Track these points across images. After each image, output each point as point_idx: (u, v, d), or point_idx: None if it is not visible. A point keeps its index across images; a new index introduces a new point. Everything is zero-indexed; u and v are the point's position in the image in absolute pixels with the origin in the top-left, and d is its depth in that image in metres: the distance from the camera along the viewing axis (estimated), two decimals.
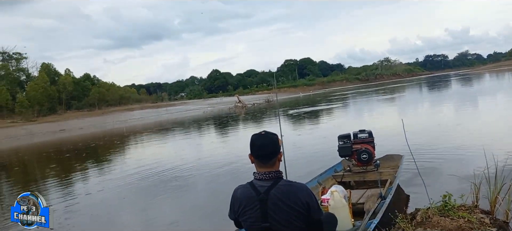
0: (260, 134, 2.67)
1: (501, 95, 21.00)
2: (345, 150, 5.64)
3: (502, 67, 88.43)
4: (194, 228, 5.08)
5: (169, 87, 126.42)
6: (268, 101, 51.71)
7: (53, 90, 64.82)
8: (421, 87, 45.62)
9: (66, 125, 48.40)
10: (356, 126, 7.51)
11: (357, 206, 4.35)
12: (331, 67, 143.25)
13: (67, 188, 9.30)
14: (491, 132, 9.01)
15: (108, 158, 15.20)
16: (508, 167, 4.50)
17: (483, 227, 3.16)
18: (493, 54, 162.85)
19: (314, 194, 2.68)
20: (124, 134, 27.09)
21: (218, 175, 8.42)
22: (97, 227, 5.70)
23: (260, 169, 2.65)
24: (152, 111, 62.59)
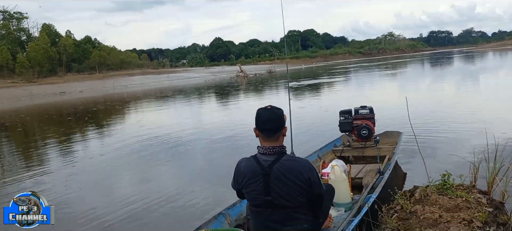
0: (266, 108, 2.71)
1: (504, 74, 20.93)
2: (346, 125, 5.70)
3: (507, 46, 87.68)
4: (192, 196, 5.14)
5: (170, 53, 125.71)
6: (270, 72, 51.51)
7: (53, 51, 64.39)
8: (424, 63, 45.38)
9: (66, 87, 48.37)
10: (357, 100, 7.53)
11: (355, 181, 4.43)
12: (334, 40, 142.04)
13: (69, 151, 9.39)
14: (493, 112, 9.03)
15: (110, 122, 15.28)
16: (508, 149, 4.54)
17: (480, 207, 3.22)
18: (497, 32, 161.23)
19: (315, 169, 2.75)
20: (125, 99, 27.14)
21: (218, 144, 8.49)
22: (97, 192, 5.78)
23: (265, 143, 2.69)
24: (153, 77, 62.43)
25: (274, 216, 2.69)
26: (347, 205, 3.64)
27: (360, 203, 3.60)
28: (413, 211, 3.22)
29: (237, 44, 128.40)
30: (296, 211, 2.69)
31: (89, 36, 77.77)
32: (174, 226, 4.19)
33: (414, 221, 3.05)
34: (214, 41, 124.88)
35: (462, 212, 3.12)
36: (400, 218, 3.19)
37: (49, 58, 62.81)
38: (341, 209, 3.58)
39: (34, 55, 60.63)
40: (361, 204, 3.55)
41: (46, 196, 5.48)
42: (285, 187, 2.61)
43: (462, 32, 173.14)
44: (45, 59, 61.64)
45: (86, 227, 4.34)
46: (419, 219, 3.06)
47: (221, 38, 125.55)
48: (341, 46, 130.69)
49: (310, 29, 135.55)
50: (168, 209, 4.76)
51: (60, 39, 70.51)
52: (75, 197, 5.55)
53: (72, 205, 5.20)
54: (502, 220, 3.10)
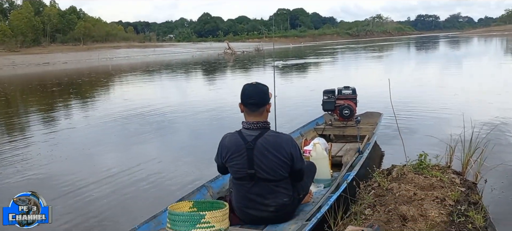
0: (252, 83, 2.79)
1: (487, 60, 21.26)
2: (329, 104, 5.81)
3: (492, 32, 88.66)
4: (176, 169, 5.20)
5: (157, 27, 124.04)
6: (257, 50, 51.32)
7: (37, 21, 63.04)
8: (410, 47, 45.71)
9: (50, 58, 47.58)
10: (342, 81, 7.62)
11: (335, 159, 4.54)
12: (323, 20, 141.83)
13: (51, 122, 9.35)
14: (472, 97, 9.23)
15: (94, 95, 15.17)
16: (483, 132, 4.71)
17: (453, 186, 3.35)
18: (484, 18, 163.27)
19: (297, 145, 2.85)
20: (110, 72, 26.86)
21: (203, 119, 8.54)
22: (79, 164, 5.78)
23: (249, 118, 2.77)
24: (139, 51, 61.71)
25: (255, 189, 2.77)
26: (326, 182, 3.75)
27: (339, 180, 3.71)
28: (389, 188, 3.34)
29: (225, 20, 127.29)
30: (277, 185, 2.78)
31: (74, 7, 76.29)
32: (156, 198, 4.24)
33: (389, 197, 3.16)
34: (202, 16, 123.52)
35: (435, 191, 3.25)
36: (377, 194, 3.31)
37: (32, 27, 61.49)
38: (320, 186, 3.68)
39: (17, 24, 59.29)
40: (340, 181, 3.66)
41: (28, 166, 5.52)
42: (267, 160, 2.70)
43: (449, 17, 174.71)
44: (28, 28, 60.34)
45: (67, 199, 4.37)
46: (394, 196, 3.18)
47: (209, 14, 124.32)
48: (330, 26, 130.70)
49: (300, 8, 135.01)
50: (151, 181, 4.79)
51: (44, 8, 69.05)
52: (57, 168, 5.54)
53: (53, 175, 5.20)
54: (473, 200, 3.23)
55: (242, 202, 2.84)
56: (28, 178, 5.11)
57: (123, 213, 3.99)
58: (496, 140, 5.17)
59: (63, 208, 4.09)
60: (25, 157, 6.10)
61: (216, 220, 2.28)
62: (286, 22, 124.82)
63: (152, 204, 3.96)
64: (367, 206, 3.14)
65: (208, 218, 2.25)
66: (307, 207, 3.19)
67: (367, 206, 3.14)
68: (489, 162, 3.85)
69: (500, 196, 3.72)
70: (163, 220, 2.92)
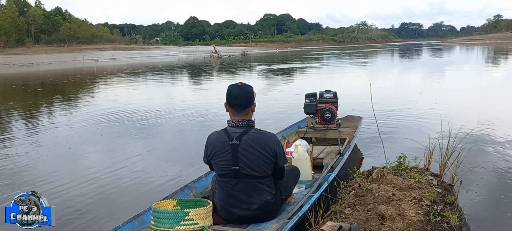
0: (237, 84, 2.86)
1: (467, 68, 21.69)
2: (311, 107, 5.90)
3: (473, 41, 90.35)
4: (160, 170, 5.23)
5: (144, 30, 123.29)
6: (244, 54, 51.44)
7: (21, 21, 62.17)
8: (393, 54, 46.32)
9: (34, 59, 46.98)
10: (327, 85, 7.74)
11: (317, 161, 4.63)
12: (309, 26, 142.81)
13: (34, 123, 9.26)
14: (451, 102, 9.45)
15: (78, 96, 15.04)
16: (460, 136, 4.83)
17: (430, 188, 3.46)
18: (466, 27, 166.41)
19: (281, 143, 2.94)
20: (95, 74, 26.63)
21: (188, 121, 8.56)
22: (63, 163, 5.75)
23: (234, 117, 2.85)
24: (125, 53, 61.28)
25: (239, 186, 2.83)
26: (308, 183, 3.82)
27: (320, 181, 3.78)
28: (369, 189, 3.44)
29: (212, 24, 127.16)
30: (261, 182, 2.85)
31: (59, 8, 75.55)
32: (140, 197, 4.27)
33: (369, 197, 3.26)
34: (189, 20, 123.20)
35: (413, 192, 3.35)
36: (357, 194, 3.40)
37: (16, 28, 60.62)
38: (302, 186, 3.76)
39: (0, 24, 58.34)
40: (321, 182, 3.73)
41: (9, 164, 5.48)
42: (252, 157, 2.77)
43: (432, 25, 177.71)
44: (12, 28, 59.46)
45: (49, 199, 4.33)
46: (374, 196, 3.28)
47: (196, 17, 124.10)
48: (316, 32, 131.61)
49: (286, 13, 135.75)
50: (134, 181, 4.81)
51: (29, 8, 68.13)
52: (39, 167, 5.51)
53: (35, 174, 5.17)
54: (449, 200, 3.34)
55: (226, 200, 2.89)
56: (8, 177, 5.08)
57: (106, 212, 4.00)
58: (472, 144, 5.33)
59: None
60: (6, 155, 6.05)
61: (200, 217, 2.32)
62: (272, 27, 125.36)
63: (136, 203, 3.99)
64: (347, 206, 3.23)
65: (192, 215, 2.30)
66: (288, 207, 3.26)
67: (347, 205, 3.23)
68: (465, 165, 3.97)
69: (474, 197, 3.84)
70: (146, 219, 2.95)
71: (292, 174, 3.35)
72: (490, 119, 7.39)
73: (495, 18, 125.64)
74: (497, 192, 4.00)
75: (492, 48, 47.73)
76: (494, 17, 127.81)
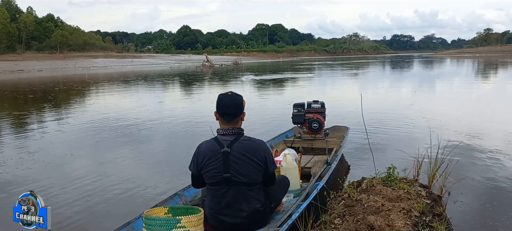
0: (227, 94, 2.89)
1: (457, 80, 21.95)
2: (298, 117, 5.96)
3: (464, 54, 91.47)
4: (150, 178, 5.21)
5: (136, 38, 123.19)
6: (236, 64, 51.56)
7: (13, 27, 61.80)
8: (385, 65, 46.71)
9: (24, 65, 46.64)
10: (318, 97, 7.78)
11: (304, 170, 4.66)
12: (301, 37, 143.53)
13: (22, 131, 9.19)
14: (440, 114, 9.54)
15: (69, 104, 14.95)
16: (449, 148, 4.92)
17: (419, 199, 3.50)
18: (457, 40, 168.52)
19: (270, 150, 2.99)
20: (87, 81, 26.51)
21: (178, 130, 8.55)
22: (52, 171, 5.69)
23: (224, 126, 2.88)
24: (117, 61, 61.09)
25: (230, 193, 2.85)
26: (296, 191, 3.86)
27: (308, 190, 3.81)
28: (358, 199, 3.47)
29: (204, 33, 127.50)
30: (251, 190, 2.88)
31: (51, 14, 75.33)
32: (130, 205, 4.25)
33: (358, 208, 3.29)
34: (182, 28, 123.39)
35: (402, 202, 3.39)
36: (346, 205, 3.43)
37: (7, 34, 60.23)
38: (290, 195, 3.79)
39: None
40: (309, 191, 3.77)
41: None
42: (243, 164, 2.81)
43: (424, 38, 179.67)
44: (3, 35, 59.08)
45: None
46: (363, 206, 3.31)
47: (189, 26, 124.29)
48: (308, 43, 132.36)
49: (279, 24, 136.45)
50: (124, 189, 4.79)
51: (20, 15, 67.71)
52: (28, 174, 5.46)
53: (24, 182, 5.13)
54: (438, 211, 3.39)
55: (216, 208, 2.90)
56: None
57: (95, 220, 3.98)
58: (461, 155, 5.41)
59: None
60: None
61: (191, 224, 2.34)
62: (264, 37, 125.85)
63: (125, 211, 3.97)
64: (336, 216, 3.25)
65: (183, 222, 2.31)
66: (277, 216, 3.28)
67: (337, 215, 3.25)
68: (454, 176, 4.04)
69: (462, 208, 3.89)
70: (137, 226, 2.96)
71: (282, 183, 3.38)
72: (478, 130, 7.49)
73: (485, 32, 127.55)
74: (484, 203, 4.05)
75: (482, 61, 48.35)
76: (484, 30, 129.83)
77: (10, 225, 2.60)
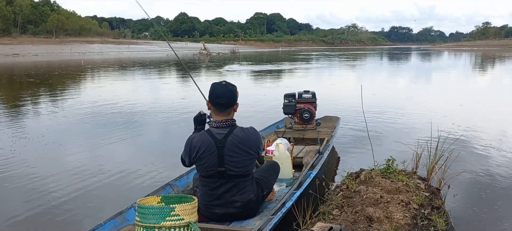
0: (221, 83, 2.82)
1: (456, 73, 21.95)
2: (289, 108, 5.90)
3: (462, 47, 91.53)
4: (142, 168, 5.15)
5: (133, 24, 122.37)
6: (233, 52, 51.42)
7: (8, 11, 61.18)
8: (383, 57, 46.68)
9: (20, 49, 46.35)
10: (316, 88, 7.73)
11: (296, 160, 4.64)
12: (299, 26, 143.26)
13: (17, 116, 9.09)
14: (440, 107, 9.50)
15: (64, 89, 14.83)
16: (449, 141, 4.86)
17: (418, 191, 3.46)
18: (455, 33, 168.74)
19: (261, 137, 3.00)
20: (82, 67, 26.32)
21: (172, 119, 8.46)
22: (44, 159, 5.61)
23: (217, 117, 2.82)
24: (113, 47, 60.83)
25: (224, 185, 2.82)
26: (288, 181, 3.84)
27: (301, 179, 3.80)
28: (357, 191, 3.43)
29: (202, 21, 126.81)
30: (244, 181, 2.84)
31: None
32: (121, 195, 4.19)
33: (357, 199, 3.24)
34: (179, 15, 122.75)
35: (401, 195, 3.35)
36: (345, 196, 3.39)
37: (3, 17, 59.67)
38: (283, 184, 3.76)
39: None
40: (302, 180, 3.75)
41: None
42: (238, 156, 2.77)
43: (422, 30, 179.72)
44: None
45: (30, 194, 4.25)
46: (362, 198, 3.26)
47: (186, 14, 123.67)
48: (306, 33, 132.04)
49: (277, 13, 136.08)
50: (116, 178, 4.72)
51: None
52: (18, 161, 5.37)
53: (15, 169, 5.04)
54: (436, 204, 3.35)
55: (209, 199, 2.86)
56: None
57: (87, 210, 3.90)
58: (460, 149, 5.36)
59: (26, 202, 4.00)
60: None
61: (185, 213, 2.29)
62: (262, 26, 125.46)
63: (117, 201, 3.91)
64: (335, 207, 3.21)
65: (177, 211, 2.26)
66: (270, 205, 3.26)
67: (335, 206, 3.21)
68: (453, 169, 3.99)
69: (461, 202, 3.85)
70: (129, 216, 2.92)
71: (272, 170, 3.33)
72: (478, 124, 7.46)
73: (484, 26, 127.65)
74: (483, 197, 4.02)
75: (480, 55, 48.41)
76: (483, 24, 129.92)
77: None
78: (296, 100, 5.92)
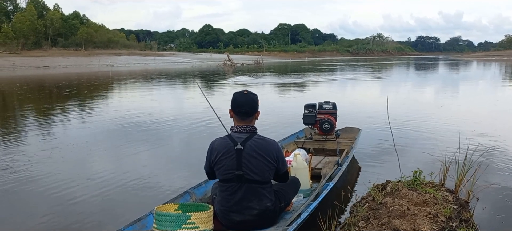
0: (243, 92, 2.94)
1: (485, 85, 21.36)
2: (309, 118, 5.85)
3: (491, 57, 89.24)
4: (164, 176, 5.18)
5: (159, 36, 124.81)
6: (257, 63, 51.62)
7: (40, 24, 63.27)
8: (410, 67, 45.95)
9: (50, 62, 47.71)
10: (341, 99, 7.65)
11: (315, 171, 4.62)
12: (324, 37, 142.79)
13: (46, 125, 9.31)
14: (468, 118, 9.25)
15: (93, 100, 15.15)
16: (478, 153, 4.71)
17: (446, 204, 3.35)
18: (484, 43, 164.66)
19: (281, 150, 3.03)
20: (110, 78, 26.89)
21: (195, 128, 8.48)
22: (71, 167, 5.71)
23: (238, 124, 2.91)
24: (140, 58, 62.01)
25: (241, 191, 2.84)
26: (306, 192, 3.82)
27: (318, 190, 3.75)
28: (383, 203, 3.35)
29: (226, 32, 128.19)
30: (262, 188, 2.87)
31: (77, 12, 76.82)
32: (141, 202, 4.22)
33: (383, 211, 3.17)
34: (204, 27, 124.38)
35: (429, 207, 3.25)
36: (371, 208, 3.32)
37: (34, 30, 61.69)
38: (300, 195, 3.74)
39: (19, 27, 59.48)
40: (319, 191, 3.71)
41: (22, 167, 5.48)
42: (256, 161, 2.81)
43: (449, 40, 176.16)
44: (30, 31, 60.52)
45: (52, 199, 4.33)
46: (388, 210, 3.18)
47: (210, 25, 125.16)
48: (330, 43, 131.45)
49: (301, 23, 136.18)
50: (136, 186, 4.77)
51: (47, 12, 69.36)
52: (42, 169, 5.47)
53: (41, 177, 5.13)
54: (465, 217, 3.23)
55: (227, 205, 2.89)
56: (15, 177, 5.08)
57: (107, 215, 3.97)
58: (489, 161, 5.20)
59: (48, 207, 4.09)
60: (16, 157, 6.07)
61: (201, 221, 2.30)
62: (286, 37, 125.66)
63: (137, 207, 3.94)
64: (361, 218, 3.15)
65: (193, 219, 2.27)
66: (287, 215, 3.25)
67: (361, 218, 3.15)
68: (482, 182, 3.88)
69: (490, 215, 3.71)
70: (147, 223, 2.96)
71: (292, 184, 3.37)
72: (508, 136, 7.22)
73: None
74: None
75: (510, 65, 47.04)
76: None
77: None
78: (316, 111, 5.89)
